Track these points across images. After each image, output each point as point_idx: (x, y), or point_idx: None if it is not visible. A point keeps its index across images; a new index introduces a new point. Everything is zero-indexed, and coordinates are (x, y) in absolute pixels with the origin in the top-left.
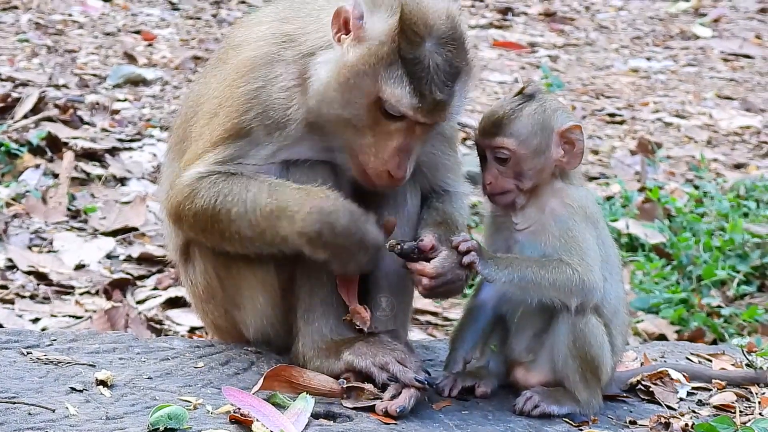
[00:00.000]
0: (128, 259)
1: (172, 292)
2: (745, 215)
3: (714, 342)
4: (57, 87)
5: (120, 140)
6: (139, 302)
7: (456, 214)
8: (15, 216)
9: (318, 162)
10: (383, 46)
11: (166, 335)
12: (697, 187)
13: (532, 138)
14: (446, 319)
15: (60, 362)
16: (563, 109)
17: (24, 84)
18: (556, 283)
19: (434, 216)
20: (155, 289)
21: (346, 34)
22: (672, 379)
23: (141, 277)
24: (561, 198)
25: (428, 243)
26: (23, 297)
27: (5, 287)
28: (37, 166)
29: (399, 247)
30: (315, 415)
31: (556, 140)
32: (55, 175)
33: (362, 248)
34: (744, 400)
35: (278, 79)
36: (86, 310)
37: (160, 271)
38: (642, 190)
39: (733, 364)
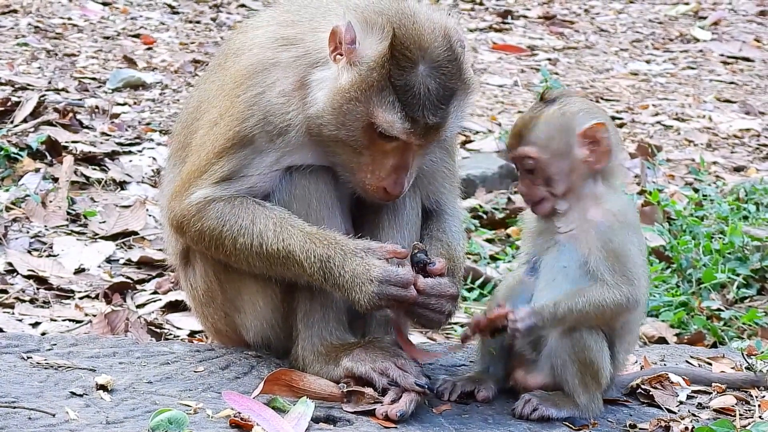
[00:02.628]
0: (128, 263)
1: (172, 296)
2: (745, 218)
3: (714, 345)
4: (56, 91)
5: (120, 144)
6: (139, 306)
7: (459, 249)
8: (15, 220)
9: (320, 168)
10: (373, 72)
11: (166, 339)
12: (696, 190)
13: (550, 142)
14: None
15: (60, 366)
16: (587, 109)
17: (23, 88)
18: (604, 308)
19: (440, 250)
20: (155, 293)
21: (341, 55)
22: (672, 382)
23: (141, 281)
24: (602, 205)
25: (440, 268)
26: (23, 301)
27: (5, 291)
28: (37, 170)
29: (418, 252)
30: (315, 419)
31: (579, 141)
32: (55, 179)
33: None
34: (744, 403)
35: (276, 84)
36: (86, 314)
37: (160, 275)
38: (642, 193)
39: (733, 367)
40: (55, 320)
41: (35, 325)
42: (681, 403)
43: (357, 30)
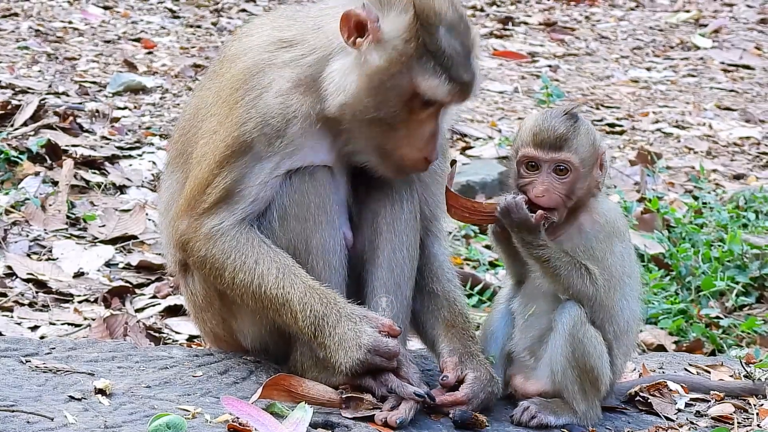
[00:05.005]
0: (127, 267)
1: (171, 301)
2: (745, 226)
3: (712, 353)
4: (57, 94)
5: (120, 148)
6: (137, 310)
7: (456, 291)
8: (14, 223)
9: (319, 169)
10: (408, 43)
11: (165, 344)
12: (696, 198)
13: (588, 157)
14: None
15: (59, 370)
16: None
17: (24, 91)
18: (571, 288)
19: (441, 312)
20: (154, 297)
21: (361, 37)
22: (670, 390)
23: (140, 285)
24: (591, 213)
25: (452, 380)
26: (22, 305)
27: (4, 295)
28: (37, 174)
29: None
30: (313, 425)
31: (599, 161)
32: (55, 183)
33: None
34: (742, 411)
35: (272, 85)
36: (85, 318)
37: (159, 280)
38: (641, 200)
39: (731, 376)
40: (54, 324)
41: (34, 328)
42: (679, 410)
43: (374, 9)
